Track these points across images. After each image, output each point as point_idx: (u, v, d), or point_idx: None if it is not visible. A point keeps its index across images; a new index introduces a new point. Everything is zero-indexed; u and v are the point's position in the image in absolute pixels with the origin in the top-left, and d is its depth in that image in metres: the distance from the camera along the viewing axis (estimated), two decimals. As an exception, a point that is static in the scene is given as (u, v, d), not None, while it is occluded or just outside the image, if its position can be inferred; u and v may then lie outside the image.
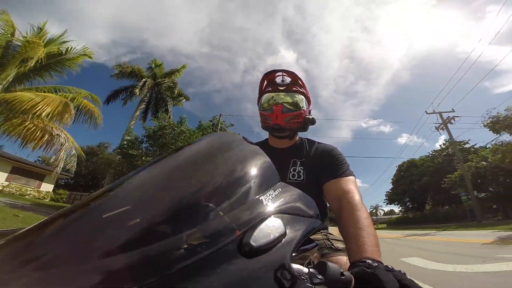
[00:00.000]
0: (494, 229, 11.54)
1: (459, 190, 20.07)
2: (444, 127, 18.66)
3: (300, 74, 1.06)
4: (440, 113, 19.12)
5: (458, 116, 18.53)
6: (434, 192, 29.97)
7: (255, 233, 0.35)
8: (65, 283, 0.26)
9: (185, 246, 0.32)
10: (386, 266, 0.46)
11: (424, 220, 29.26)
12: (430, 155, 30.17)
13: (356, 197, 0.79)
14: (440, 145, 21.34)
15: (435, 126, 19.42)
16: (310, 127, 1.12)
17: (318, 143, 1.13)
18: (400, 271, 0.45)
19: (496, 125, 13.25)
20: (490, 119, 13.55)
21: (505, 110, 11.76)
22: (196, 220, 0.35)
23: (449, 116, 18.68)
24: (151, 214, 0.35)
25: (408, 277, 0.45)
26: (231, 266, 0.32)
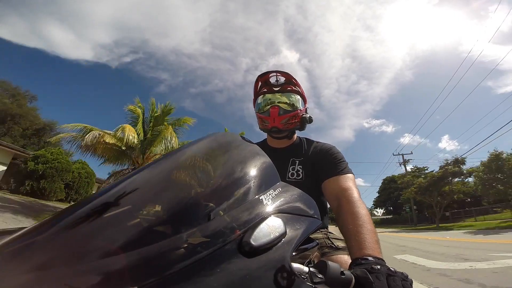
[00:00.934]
0: (403, 229, 23.28)
1: (407, 205, 32.11)
2: (403, 165, 30.24)
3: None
4: (402, 155, 30.16)
5: (412, 159, 33.72)
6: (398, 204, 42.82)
7: (255, 233, 0.35)
8: (65, 283, 0.26)
9: (185, 245, 0.32)
10: (389, 268, 0.46)
11: (396, 222, 39.86)
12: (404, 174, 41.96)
13: (355, 194, 0.79)
14: (411, 168, 31.96)
15: (399, 163, 30.26)
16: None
17: (317, 142, 1.13)
18: (402, 273, 0.44)
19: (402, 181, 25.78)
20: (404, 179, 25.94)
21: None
22: (196, 220, 0.35)
23: (406, 159, 29.89)
24: (151, 214, 0.35)
25: (409, 278, 0.44)
26: (231, 266, 0.32)
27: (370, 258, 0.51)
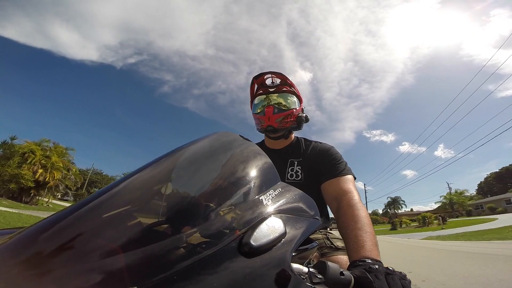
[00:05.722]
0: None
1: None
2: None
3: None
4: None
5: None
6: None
7: (255, 233, 0.35)
8: (65, 283, 0.26)
9: (185, 246, 0.32)
10: (387, 268, 0.46)
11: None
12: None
13: (355, 196, 0.79)
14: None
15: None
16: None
17: (315, 142, 1.12)
18: (400, 272, 0.45)
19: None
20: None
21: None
22: (196, 220, 0.35)
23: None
24: (151, 214, 0.35)
25: (408, 278, 0.44)
26: (231, 266, 0.32)
27: (368, 260, 0.51)
